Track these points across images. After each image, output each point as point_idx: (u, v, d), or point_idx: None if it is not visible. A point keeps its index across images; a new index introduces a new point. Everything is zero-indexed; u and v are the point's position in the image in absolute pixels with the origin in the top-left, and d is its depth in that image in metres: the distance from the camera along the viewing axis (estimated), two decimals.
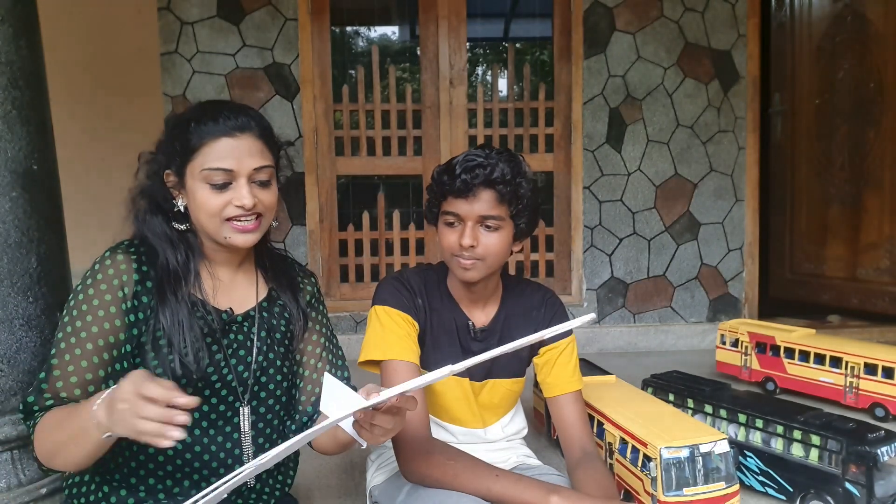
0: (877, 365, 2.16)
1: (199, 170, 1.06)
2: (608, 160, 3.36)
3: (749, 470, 1.67)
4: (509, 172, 1.26)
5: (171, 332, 1.05)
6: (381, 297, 1.35)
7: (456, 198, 1.28)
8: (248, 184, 1.07)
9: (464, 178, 1.25)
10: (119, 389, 0.85)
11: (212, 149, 1.06)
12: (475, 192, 1.26)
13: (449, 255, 1.32)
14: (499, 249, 1.30)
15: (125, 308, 1.06)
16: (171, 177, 1.10)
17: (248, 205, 1.06)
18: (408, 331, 1.33)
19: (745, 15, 3.36)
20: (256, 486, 1.18)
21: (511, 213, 1.29)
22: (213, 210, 1.07)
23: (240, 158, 1.06)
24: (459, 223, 1.29)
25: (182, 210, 1.11)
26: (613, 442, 1.59)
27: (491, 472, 1.19)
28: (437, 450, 1.23)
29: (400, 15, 3.82)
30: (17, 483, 1.34)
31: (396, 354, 1.29)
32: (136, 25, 3.52)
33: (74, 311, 1.05)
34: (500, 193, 1.26)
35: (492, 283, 1.40)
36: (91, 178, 3.27)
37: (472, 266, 1.29)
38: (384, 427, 0.93)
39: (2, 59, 1.33)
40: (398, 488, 1.28)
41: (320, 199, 3.32)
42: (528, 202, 1.30)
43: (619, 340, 3.37)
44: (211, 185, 1.06)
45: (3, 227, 1.33)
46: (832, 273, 3.61)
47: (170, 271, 1.09)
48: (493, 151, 1.29)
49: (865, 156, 3.42)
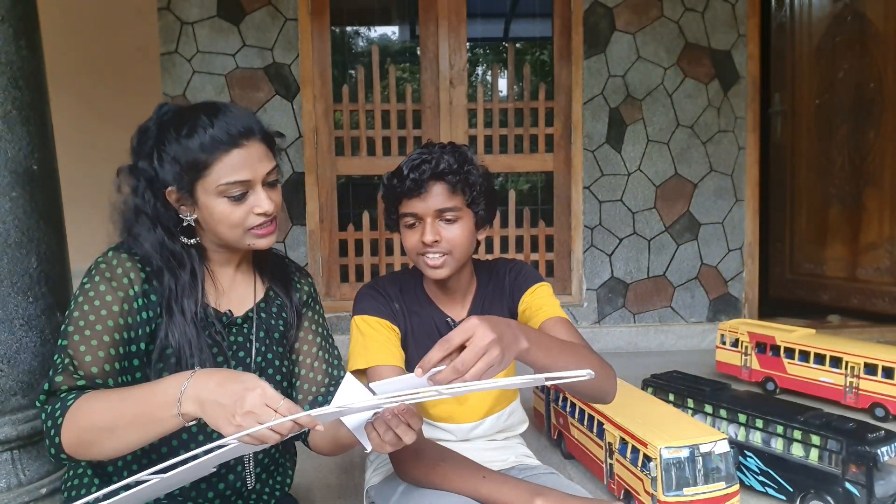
0: (877, 365, 2.16)
1: (214, 185, 1.04)
2: (608, 160, 3.36)
3: (749, 470, 1.67)
4: (455, 162, 1.28)
5: (179, 349, 1.05)
6: (359, 307, 1.37)
7: (409, 198, 1.29)
8: (263, 189, 1.07)
9: (412, 177, 1.27)
10: (234, 392, 0.85)
11: (224, 163, 1.04)
12: (426, 188, 1.27)
13: (415, 255, 1.33)
14: (462, 240, 1.30)
15: (136, 306, 1.05)
16: (175, 194, 1.07)
17: (269, 210, 1.07)
18: (388, 336, 1.33)
19: (745, 15, 3.36)
20: (256, 486, 1.18)
21: (467, 202, 1.30)
22: (236, 222, 1.06)
23: (253, 167, 1.06)
24: (419, 222, 1.30)
25: (192, 224, 1.10)
26: (613, 442, 1.59)
27: (478, 473, 1.19)
28: (428, 450, 1.24)
29: (400, 15, 3.82)
30: (17, 483, 1.34)
31: (379, 360, 1.30)
32: (136, 25, 3.52)
33: (81, 297, 1.03)
34: (450, 184, 1.27)
35: (464, 275, 1.41)
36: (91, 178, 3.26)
37: (441, 263, 1.30)
38: (399, 435, 0.94)
39: (2, 59, 1.34)
40: (393, 489, 1.28)
41: (320, 199, 3.32)
42: (482, 188, 1.31)
43: (619, 340, 3.37)
44: (230, 199, 1.05)
45: (3, 227, 1.33)
46: (832, 273, 3.61)
47: (177, 290, 1.07)
48: (436, 147, 1.31)
49: (865, 156, 3.42)
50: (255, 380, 0.87)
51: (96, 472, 1.11)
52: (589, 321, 3.39)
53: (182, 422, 0.90)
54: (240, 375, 0.89)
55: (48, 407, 0.99)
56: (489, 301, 1.43)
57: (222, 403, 0.85)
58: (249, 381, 0.87)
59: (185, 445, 1.08)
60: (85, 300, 1.03)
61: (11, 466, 1.35)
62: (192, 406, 0.88)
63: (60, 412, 0.96)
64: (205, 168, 1.04)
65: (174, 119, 1.07)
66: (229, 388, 0.86)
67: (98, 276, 1.05)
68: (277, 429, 0.83)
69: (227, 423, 0.84)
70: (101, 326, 1.02)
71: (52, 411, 0.98)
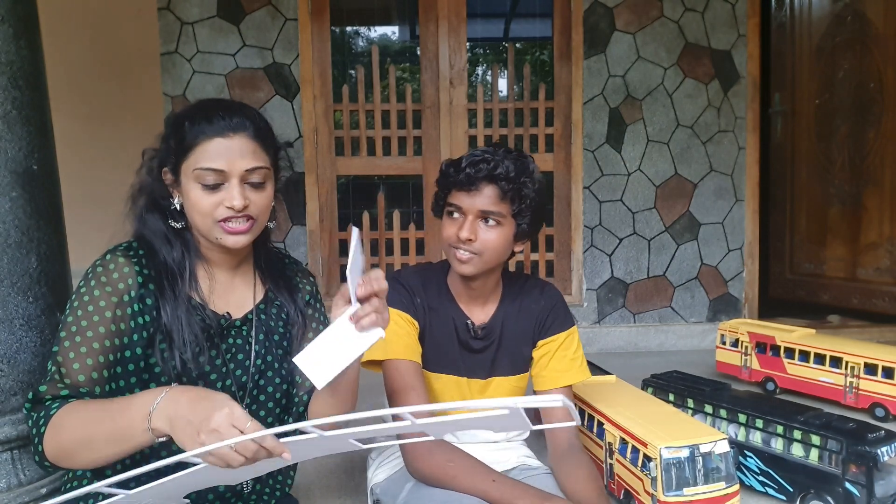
0: (877, 365, 2.16)
1: (191, 169, 1.06)
2: (608, 160, 3.36)
3: (749, 470, 1.67)
4: (514, 170, 1.28)
5: (170, 328, 1.05)
6: None
7: (459, 190, 1.30)
8: (239, 185, 1.06)
9: (467, 172, 1.27)
10: (202, 410, 0.84)
11: (204, 149, 1.05)
12: (477, 186, 1.28)
13: (447, 245, 1.33)
14: (496, 245, 1.30)
15: (131, 312, 1.05)
16: (168, 175, 1.11)
17: (237, 206, 1.06)
18: (408, 330, 1.33)
19: (745, 15, 3.36)
20: (256, 486, 1.18)
21: (513, 212, 1.30)
22: (205, 210, 1.07)
23: (231, 159, 1.05)
24: (461, 215, 1.31)
25: (178, 208, 1.11)
26: (613, 442, 1.59)
27: (489, 476, 1.19)
28: (440, 450, 1.24)
29: (400, 15, 3.82)
30: (17, 483, 1.34)
31: (397, 353, 1.30)
32: (136, 25, 3.52)
33: (76, 302, 1.04)
34: (502, 190, 1.27)
35: (491, 280, 1.41)
36: (91, 178, 3.27)
37: (468, 259, 1.30)
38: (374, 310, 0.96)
39: (2, 59, 1.34)
40: (400, 486, 1.28)
41: (320, 199, 3.32)
42: (532, 203, 1.31)
43: (619, 340, 3.37)
44: (203, 186, 1.06)
45: (3, 227, 1.33)
46: (832, 273, 3.61)
47: (167, 268, 1.09)
48: (501, 149, 1.31)
49: (865, 156, 3.42)
50: (225, 399, 0.86)
51: (95, 472, 1.10)
52: (589, 321, 3.39)
53: (152, 437, 0.90)
54: (212, 394, 0.89)
55: (34, 414, 1.01)
56: (513, 318, 1.43)
57: (190, 420, 0.85)
58: (219, 401, 0.86)
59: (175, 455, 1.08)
60: (79, 305, 1.04)
61: (11, 466, 1.34)
62: (161, 422, 0.88)
63: (44, 421, 0.98)
64: (189, 150, 1.06)
65: (193, 105, 1.13)
66: (199, 406, 0.86)
67: (94, 279, 1.05)
68: (241, 450, 0.81)
69: (191, 440, 0.84)
70: (93, 333, 1.03)
71: (37, 419, 0.99)
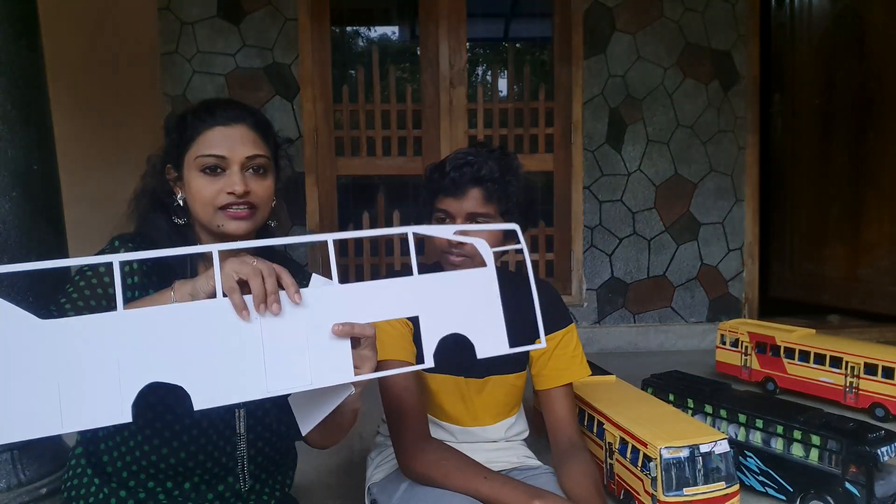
0: (877, 365, 2.16)
1: (194, 158, 1.08)
2: (608, 160, 3.36)
3: (749, 470, 1.67)
4: (497, 170, 1.27)
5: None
6: None
7: (446, 196, 1.30)
8: (240, 171, 1.09)
9: (452, 176, 1.27)
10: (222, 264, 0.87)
11: (206, 137, 1.08)
12: (464, 190, 1.27)
13: (439, 251, 1.33)
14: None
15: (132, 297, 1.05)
16: (172, 171, 1.13)
17: (238, 190, 1.07)
18: (401, 331, 1.33)
19: (745, 15, 3.36)
20: (255, 487, 1.17)
21: (500, 212, 1.30)
22: (207, 198, 1.08)
23: (232, 146, 1.08)
24: (450, 221, 1.30)
25: (181, 204, 1.13)
26: (613, 442, 1.59)
27: (480, 474, 1.20)
28: (432, 448, 1.24)
29: (400, 15, 3.82)
30: (17, 483, 1.34)
31: (391, 354, 1.30)
32: (136, 25, 3.52)
33: (71, 287, 1.04)
34: (487, 191, 1.27)
35: None
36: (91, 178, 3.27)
37: (461, 263, 1.29)
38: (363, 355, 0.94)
39: (2, 59, 1.34)
40: (396, 486, 1.29)
41: (320, 199, 3.32)
42: (519, 201, 1.30)
43: (619, 340, 3.37)
44: (204, 173, 1.08)
45: (3, 227, 1.33)
46: (832, 273, 3.61)
47: (169, 264, 1.09)
48: (484, 149, 1.30)
49: (865, 156, 3.42)
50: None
51: (96, 471, 1.11)
52: (589, 321, 3.39)
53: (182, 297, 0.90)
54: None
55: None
56: (508, 316, 1.43)
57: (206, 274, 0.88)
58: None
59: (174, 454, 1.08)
60: (74, 289, 1.04)
61: (11, 466, 1.35)
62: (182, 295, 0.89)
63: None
64: (191, 140, 1.09)
65: (194, 104, 1.16)
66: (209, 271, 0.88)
67: (83, 280, 1.05)
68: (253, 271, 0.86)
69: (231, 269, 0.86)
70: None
71: None
